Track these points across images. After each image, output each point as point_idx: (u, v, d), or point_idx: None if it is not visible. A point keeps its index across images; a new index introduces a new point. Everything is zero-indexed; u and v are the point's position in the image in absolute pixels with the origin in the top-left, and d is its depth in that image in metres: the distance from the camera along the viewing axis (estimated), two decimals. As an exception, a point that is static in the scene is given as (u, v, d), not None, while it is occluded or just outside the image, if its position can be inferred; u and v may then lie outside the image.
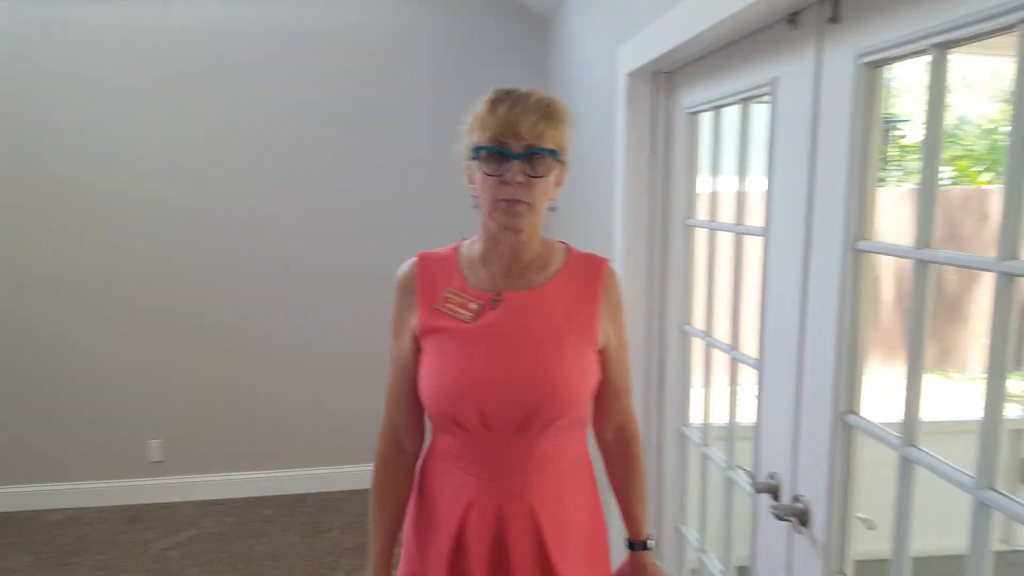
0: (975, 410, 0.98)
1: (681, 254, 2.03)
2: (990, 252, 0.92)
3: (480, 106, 1.25)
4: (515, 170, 1.19)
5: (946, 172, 7.87)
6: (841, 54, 1.19)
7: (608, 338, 1.34)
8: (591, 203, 2.67)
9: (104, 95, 3.51)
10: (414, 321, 1.33)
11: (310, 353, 3.76)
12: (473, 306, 1.30)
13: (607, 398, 1.40)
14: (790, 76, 1.37)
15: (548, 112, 1.21)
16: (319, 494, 3.82)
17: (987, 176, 7.52)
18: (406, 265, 1.38)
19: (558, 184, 1.30)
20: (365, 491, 3.79)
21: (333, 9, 3.59)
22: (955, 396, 6.23)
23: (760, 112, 1.58)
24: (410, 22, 3.64)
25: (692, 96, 1.90)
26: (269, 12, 3.55)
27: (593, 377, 1.32)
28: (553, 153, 1.22)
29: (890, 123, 10.11)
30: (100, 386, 3.65)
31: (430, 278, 1.34)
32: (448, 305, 1.31)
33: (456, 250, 1.38)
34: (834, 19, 1.20)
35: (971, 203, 6.51)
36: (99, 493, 3.70)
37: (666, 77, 2.06)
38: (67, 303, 3.58)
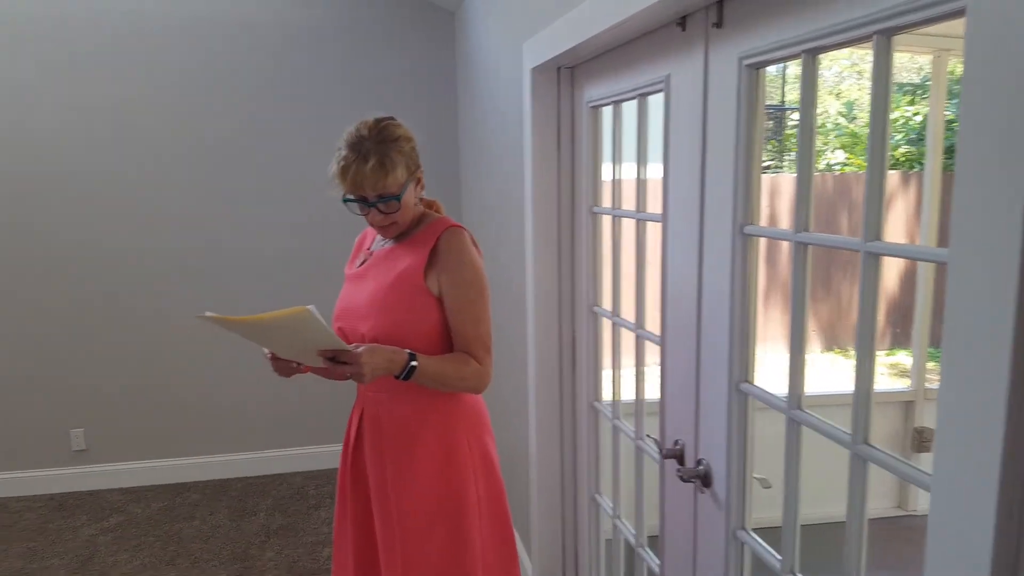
0: (874, 383, 1.07)
1: (588, 240, 2.10)
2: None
3: (334, 166, 1.58)
4: (373, 213, 1.60)
5: (839, 157, 8.33)
6: (725, 56, 1.27)
7: (442, 289, 1.61)
8: (504, 191, 2.71)
9: (23, 83, 3.28)
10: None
11: (229, 341, 3.67)
12: (362, 259, 1.77)
13: (455, 343, 1.63)
14: (681, 74, 1.45)
15: (384, 170, 1.54)
16: (244, 478, 3.79)
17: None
18: None
19: (418, 184, 1.66)
20: (288, 475, 3.88)
21: (238, 2, 3.47)
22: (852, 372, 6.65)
23: (659, 104, 1.65)
24: (314, 15, 3.57)
25: (593, 90, 1.96)
26: (174, 5, 3.40)
27: (421, 315, 1.60)
28: (396, 197, 1.58)
29: (786, 110, 10.57)
30: (19, 377, 3.53)
31: (362, 240, 1.87)
32: (356, 259, 1.81)
33: None
34: (719, 24, 1.27)
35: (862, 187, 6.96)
36: (24, 483, 3.60)
37: (569, 72, 2.11)
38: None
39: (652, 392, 1.84)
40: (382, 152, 1.54)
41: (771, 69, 1.26)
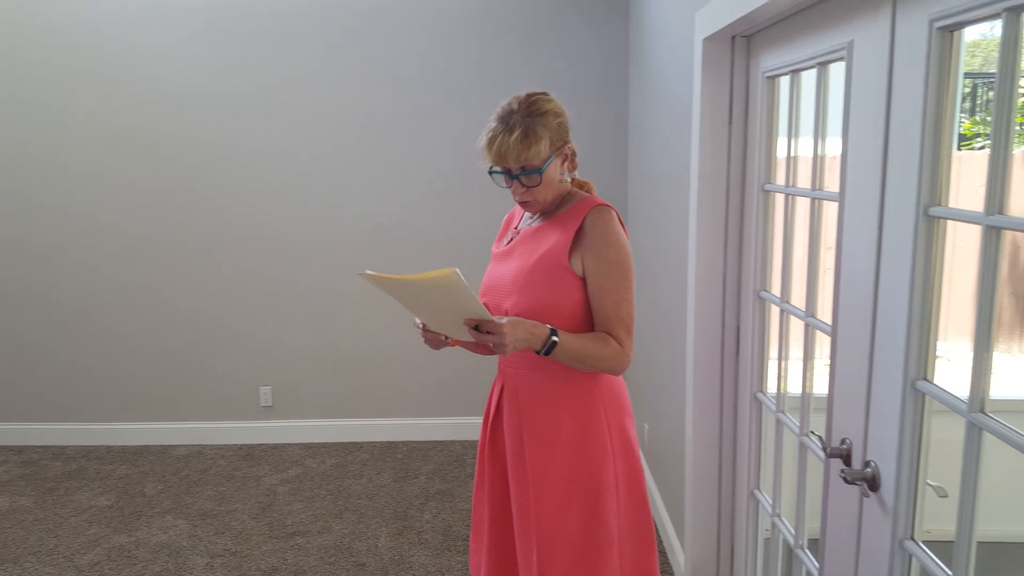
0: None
1: (758, 219, 2.04)
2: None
3: (483, 137, 1.66)
4: (516, 185, 1.67)
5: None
6: (915, 18, 1.19)
7: (585, 268, 1.65)
8: (668, 168, 2.70)
9: (208, 64, 3.80)
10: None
11: (402, 311, 4.00)
12: (509, 237, 1.85)
13: (596, 323, 1.68)
14: (865, 40, 1.37)
15: (527, 142, 1.61)
16: (409, 442, 4.13)
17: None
18: None
19: (572, 167, 1.74)
20: (450, 442, 4.14)
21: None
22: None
23: (840, 72, 1.57)
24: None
25: (770, 60, 1.90)
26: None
27: (563, 294, 1.65)
28: (539, 170, 1.64)
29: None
30: (218, 337, 4.09)
31: (510, 219, 1.94)
32: (503, 238, 1.89)
33: None
34: (908, -18, 1.20)
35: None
36: (218, 432, 4.17)
37: (744, 41, 2.05)
38: (189, 266, 4.01)
39: (820, 386, 1.78)
40: (527, 125, 1.60)
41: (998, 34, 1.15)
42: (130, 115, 3.86)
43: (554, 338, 1.58)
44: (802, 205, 1.84)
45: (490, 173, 1.69)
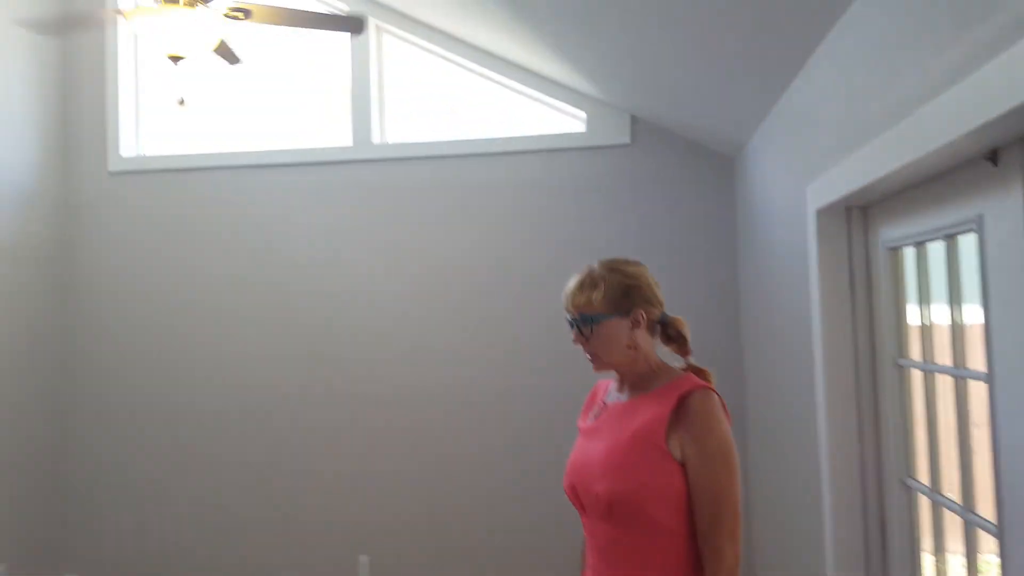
0: None
1: (894, 397, 1.93)
2: None
3: None
4: (574, 334, 1.70)
5: None
6: (1051, 192, 1.16)
7: (685, 455, 1.55)
8: (787, 342, 2.63)
9: (308, 234, 4.18)
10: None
11: (505, 481, 3.94)
12: (595, 412, 1.79)
13: (696, 519, 1.55)
14: (996, 214, 1.34)
15: (580, 288, 1.67)
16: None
17: None
18: None
19: (635, 326, 1.67)
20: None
21: (522, 163, 4.03)
22: None
23: (970, 243, 1.53)
24: (600, 169, 3.96)
25: (890, 231, 1.87)
26: (458, 169, 4.09)
27: (661, 480, 1.54)
28: (592, 319, 1.65)
29: None
30: (317, 501, 4.09)
31: (595, 392, 1.89)
32: (589, 412, 1.83)
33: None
34: (1038, 157, 1.18)
35: None
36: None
37: (860, 212, 2.05)
38: (290, 431, 4.13)
39: (991, 594, 1.57)
40: (591, 273, 1.69)
41: None
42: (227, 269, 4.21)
43: None
44: (944, 380, 1.73)
45: (568, 322, 1.73)
